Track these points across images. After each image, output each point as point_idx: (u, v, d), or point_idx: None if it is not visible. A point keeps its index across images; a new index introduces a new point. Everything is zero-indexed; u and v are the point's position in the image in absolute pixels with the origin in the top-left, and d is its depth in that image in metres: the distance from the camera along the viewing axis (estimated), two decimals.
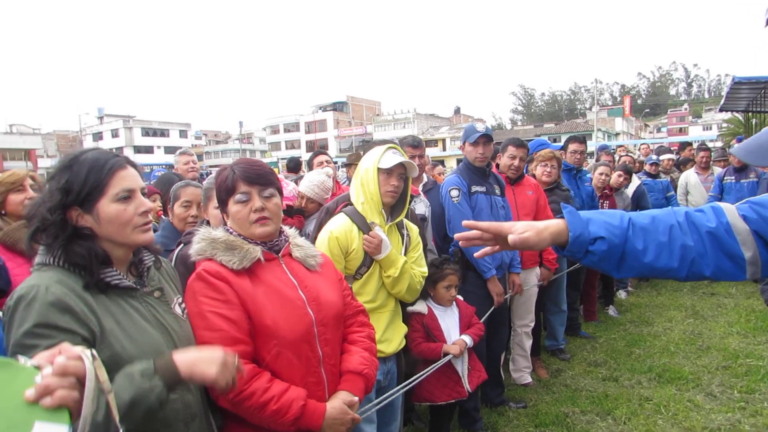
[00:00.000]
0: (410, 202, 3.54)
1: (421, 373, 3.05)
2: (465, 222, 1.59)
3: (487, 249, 1.60)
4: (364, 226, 2.77)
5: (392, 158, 2.78)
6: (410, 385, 2.87)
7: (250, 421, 1.88)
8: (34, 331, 1.41)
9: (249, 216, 2.00)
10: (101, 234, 1.63)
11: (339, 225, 2.77)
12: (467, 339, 3.47)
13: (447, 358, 3.32)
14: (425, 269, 3.07)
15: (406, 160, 2.80)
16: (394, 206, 2.92)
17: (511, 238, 1.50)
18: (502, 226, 1.56)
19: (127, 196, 1.65)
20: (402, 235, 2.98)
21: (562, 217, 1.53)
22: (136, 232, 1.68)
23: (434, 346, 3.35)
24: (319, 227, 3.00)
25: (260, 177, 2.03)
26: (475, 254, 1.62)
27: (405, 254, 2.94)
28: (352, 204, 2.88)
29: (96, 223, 1.62)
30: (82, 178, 1.60)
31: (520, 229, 1.51)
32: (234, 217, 2.02)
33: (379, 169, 2.79)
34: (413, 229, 3.08)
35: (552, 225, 1.51)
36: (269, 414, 1.83)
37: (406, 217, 3.20)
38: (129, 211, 1.65)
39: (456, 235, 1.65)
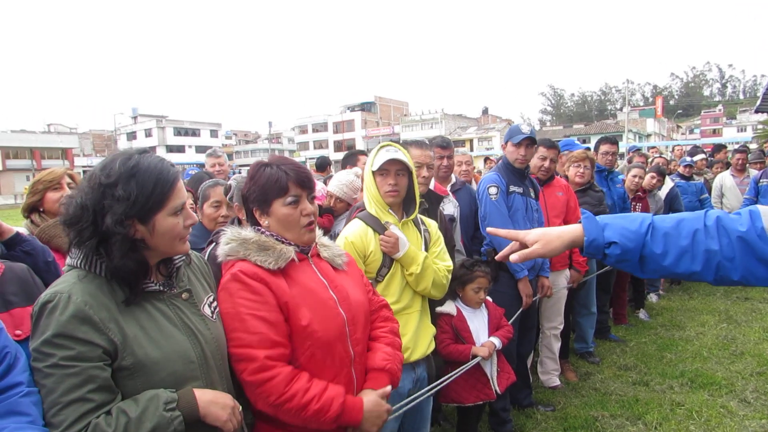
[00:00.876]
0: (436, 199, 3.52)
1: (450, 374, 3.03)
2: (488, 229, 1.71)
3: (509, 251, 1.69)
4: (379, 227, 2.72)
5: (382, 157, 2.71)
6: (438, 387, 2.85)
7: (291, 422, 1.85)
8: (52, 341, 1.43)
9: (300, 220, 1.99)
10: (151, 245, 1.61)
11: (353, 230, 2.73)
12: (496, 341, 3.44)
13: (476, 360, 3.29)
14: (449, 263, 2.99)
15: (396, 157, 2.70)
16: (408, 203, 2.87)
17: (513, 258, 1.64)
18: (518, 234, 1.66)
19: (181, 210, 1.65)
20: (420, 232, 2.91)
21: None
22: (180, 243, 1.68)
23: (463, 348, 3.33)
24: None
25: (309, 180, 2.02)
26: (498, 255, 1.70)
27: (426, 250, 2.86)
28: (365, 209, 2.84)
29: (149, 234, 1.60)
30: (149, 190, 1.56)
31: (531, 240, 1.62)
32: (284, 219, 1.98)
33: (373, 171, 2.75)
34: (431, 224, 3.01)
35: (569, 231, 1.62)
36: (311, 414, 1.81)
37: (431, 215, 3.17)
38: (180, 225, 1.65)
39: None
